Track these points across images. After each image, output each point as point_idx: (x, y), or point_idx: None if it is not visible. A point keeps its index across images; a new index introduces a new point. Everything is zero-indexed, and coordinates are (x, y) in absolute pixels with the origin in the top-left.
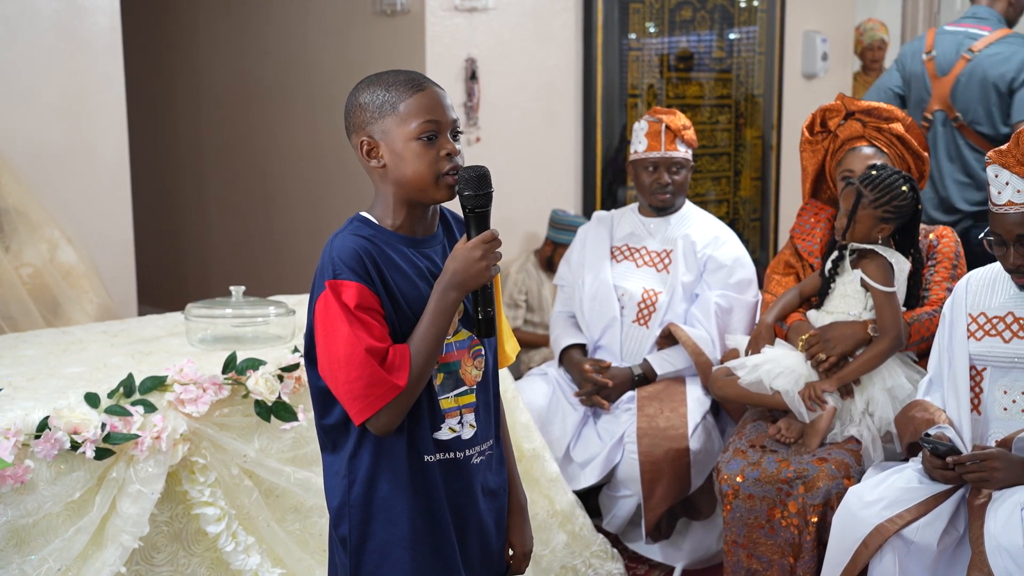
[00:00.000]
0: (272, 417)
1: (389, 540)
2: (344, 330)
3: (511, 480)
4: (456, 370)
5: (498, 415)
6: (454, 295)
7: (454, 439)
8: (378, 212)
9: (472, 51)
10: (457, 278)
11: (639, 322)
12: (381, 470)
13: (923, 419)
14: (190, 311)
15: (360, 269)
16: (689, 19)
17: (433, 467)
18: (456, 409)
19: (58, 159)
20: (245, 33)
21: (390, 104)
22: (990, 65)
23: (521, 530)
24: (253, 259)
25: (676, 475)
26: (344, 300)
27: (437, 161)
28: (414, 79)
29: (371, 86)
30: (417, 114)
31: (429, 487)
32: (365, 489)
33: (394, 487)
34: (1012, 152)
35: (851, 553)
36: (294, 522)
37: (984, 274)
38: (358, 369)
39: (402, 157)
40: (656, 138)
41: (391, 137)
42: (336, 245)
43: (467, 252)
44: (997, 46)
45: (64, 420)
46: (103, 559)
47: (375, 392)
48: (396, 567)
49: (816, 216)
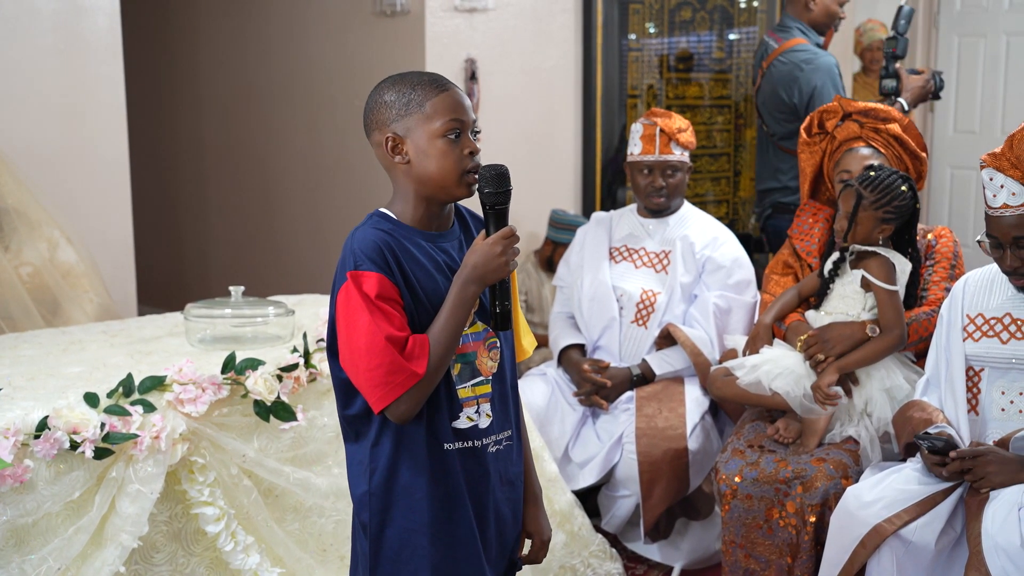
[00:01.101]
0: (271, 417)
1: (408, 527)
2: (365, 319)
3: (527, 470)
4: (472, 361)
5: (516, 406)
6: (473, 288)
7: (472, 428)
8: (397, 208)
9: (472, 51)
10: (477, 272)
11: (638, 322)
12: (402, 458)
13: (921, 419)
14: (189, 311)
15: (380, 260)
16: (689, 20)
17: (452, 455)
18: (473, 399)
19: (58, 159)
20: (245, 33)
21: (416, 102)
22: (778, 78)
23: (538, 519)
24: (253, 259)
25: (674, 475)
26: (365, 290)
27: (461, 159)
28: (438, 79)
29: (396, 85)
30: (443, 113)
31: (448, 474)
32: (386, 477)
33: (414, 475)
34: (1006, 155)
35: (849, 553)
36: (293, 522)
37: (982, 275)
38: (378, 357)
39: (427, 154)
40: (651, 141)
41: (416, 134)
42: (357, 237)
43: (487, 247)
44: (783, 59)
45: (63, 420)
46: (102, 558)
47: (395, 380)
48: (415, 553)
49: (814, 216)
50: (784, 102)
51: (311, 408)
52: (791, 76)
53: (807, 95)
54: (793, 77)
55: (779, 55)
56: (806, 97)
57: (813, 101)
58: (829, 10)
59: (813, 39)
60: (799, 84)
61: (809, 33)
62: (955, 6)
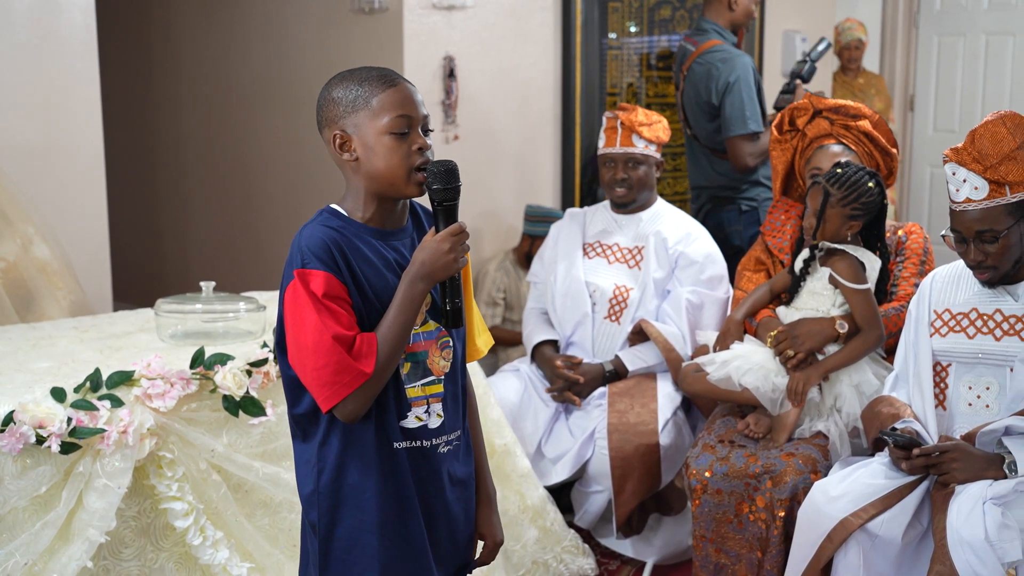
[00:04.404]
0: (240, 412)
1: (357, 526)
2: (312, 318)
3: (479, 471)
4: (423, 360)
5: (466, 406)
6: (421, 286)
7: (421, 428)
8: (348, 205)
9: (450, 49)
10: (425, 269)
11: (611, 318)
12: (350, 457)
13: (889, 414)
14: (160, 306)
15: (328, 258)
16: (668, 18)
17: (401, 454)
18: (423, 398)
19: (33, 156)
20: (224, 30)
21: (363, 99)
22: (697, 78)
23: (490, 521)
24: (233, 256)
25: (646, 471)
26: (312, 289)
27: (409, 155)
28: (386, 75)
29: (344, 81)
30: (389, 109)
31: (398, 474)
32: (334, 476)
33: (363, 474)
34: (968, 150)
35: (816, 547)
36: (263, 517)
37: (949, 271)
38: (325, 356)
39: (374, 151)
40: (613, 134)
41: (363, 131)
42: (305, 235)
43: (435, 244)
44: (700, 60)
45: (29, 414)
46: (70, 553)
47: (342, 379)
48: (364, 552)
49: (787, 213)
50: (704, 101)
51: (280, 403)
52: (708, 75)
53: (722, 89)
54: (710, 75)
55: (696, 57)
56: (721, 91)
57: (728, 95)
58: (748, 10)
59: (729, 40)
60: (716, 80)
61: (725, 34)
62: (935, 5)
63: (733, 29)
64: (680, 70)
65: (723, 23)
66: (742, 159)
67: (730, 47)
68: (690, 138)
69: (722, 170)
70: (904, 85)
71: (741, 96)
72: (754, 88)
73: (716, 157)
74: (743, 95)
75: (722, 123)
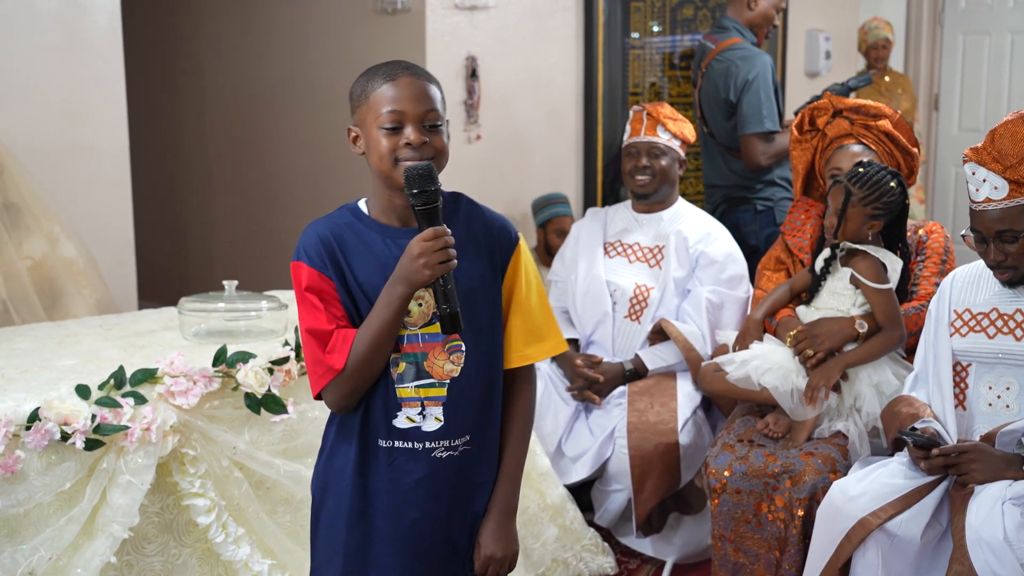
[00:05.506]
0: (262, 410)
1: (335, 511)
2: (300, 310)
3: (499, 481)
4: (421, 362)
5: (498, 414)
6: (400, 289)
7: (413, 429)
8: (371, 200)
9: (472, 49)
10: (402, 272)
11: (631, 317)
12: (339, 444)
13: (908, 414)
14: (183, 305)
15: (314, 254)
16: (691, 17)
17: (387, 453)
18: (417, 400)
19: (59, 156)
20: (247, 31)
21: (365, 94)
22: (716, 76)
23: (492, 531)
24: (256, 255)
25: (666, 469)
26: (298, 282)
27: (395, 151)
28: (390, 69)
29: (361, 76)
30: (383, 103)
31: (375, 471)
32: (328, 457)
33: (345, 463)
34: (987, 149)
35: (835, 546)
36: (285, 514)
37: (969, 271)
38: (307, 347)
39: (371, 146)
40: (639, 124)
41: (365, 126)
42: (306, 230)
43: (409, 248)
44: (720, 57)
45: (55, 411)
46: (94, 549)
47: (316, 371)
48: (335, 538)
49: (807, 213)
50: (722, 98)
51: (302, 401)
52: (727, 72)
53: (740, 87)
54: (729, 72)
55: (716, 54)
56: (739, 89)
57: (746, 92)
58: (767, 14)
59: (749, 39)
60: (734, 78)
61: (745, 33)
62: (960, 4)
63: (752, 28)
64: (699, 67)
65: (743, 21)
66: (755, 157)
67: (750, 45)
68: (706, 136)
69: (737, 169)
70: (929, 84)
71: (759, 94)
72: (772, 88)
73: (731, 156)
74: (761, 93)
75: (738, 120)
